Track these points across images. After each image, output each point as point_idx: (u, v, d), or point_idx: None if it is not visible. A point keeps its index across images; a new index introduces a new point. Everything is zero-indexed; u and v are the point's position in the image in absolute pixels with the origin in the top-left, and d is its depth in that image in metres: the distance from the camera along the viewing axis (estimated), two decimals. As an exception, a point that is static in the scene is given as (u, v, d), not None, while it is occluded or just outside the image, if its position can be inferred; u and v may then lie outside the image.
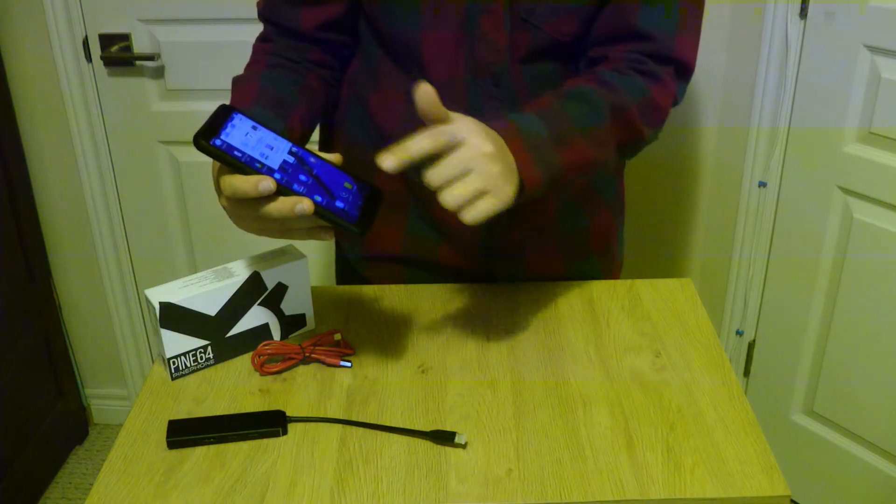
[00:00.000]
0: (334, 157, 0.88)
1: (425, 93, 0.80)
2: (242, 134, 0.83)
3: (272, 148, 0.84)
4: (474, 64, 1.01)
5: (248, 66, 1.05)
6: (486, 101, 1.03)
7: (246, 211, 0.83)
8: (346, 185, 0.87)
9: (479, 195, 0.81)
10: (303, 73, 1.02)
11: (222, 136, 0.81)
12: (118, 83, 1.93)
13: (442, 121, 0.82)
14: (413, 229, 1.14)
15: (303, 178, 0.84)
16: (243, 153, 0.81)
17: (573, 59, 1.05)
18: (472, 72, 1.02)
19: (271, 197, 0.81)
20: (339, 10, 1.03)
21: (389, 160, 0.79)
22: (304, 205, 0.80)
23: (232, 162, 0.80)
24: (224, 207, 0.86)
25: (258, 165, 0.81)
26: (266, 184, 0.79)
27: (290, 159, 0.85)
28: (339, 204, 0.84)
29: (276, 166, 0.82)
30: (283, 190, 0.81)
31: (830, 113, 1.69)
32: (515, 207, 1.09)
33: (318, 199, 0.83)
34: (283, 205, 0.80)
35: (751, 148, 1.86)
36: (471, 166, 0.80)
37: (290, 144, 0.86)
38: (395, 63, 1.05)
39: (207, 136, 0.80)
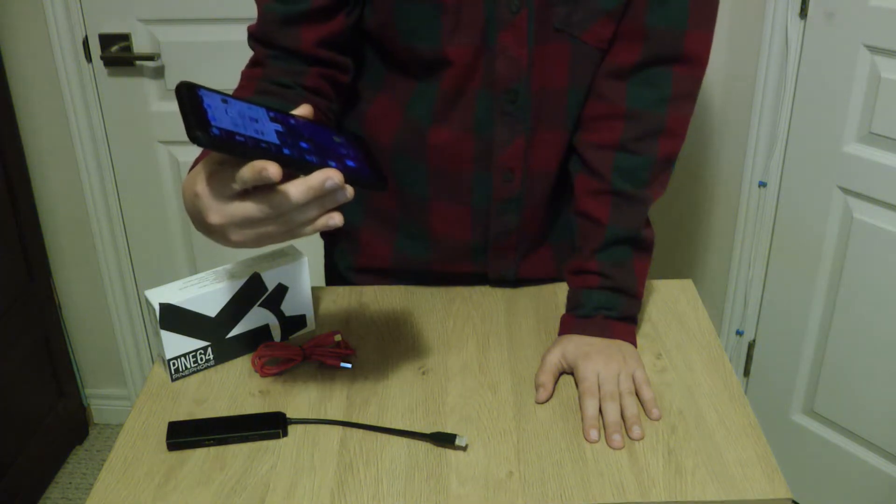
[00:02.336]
0: (306, 111, 0.79)
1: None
2: (223, 112, 0.70)
3: (257, 120, 0.72)
4: (492, 79, 0.98)
5: (235, 93, 0.96)
6: (498, 116, 1.00)
7: (260, 212, 0.71)
8: (336, 139, 0.77)
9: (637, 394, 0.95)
10: (295, 99, 0.95)
11: (213, 122, 0.68)
12: (118, 83, 1.93)
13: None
14: (403, 245, 1.13)
15: (304, 145, 0.72)
16: (244, 136, 0.68)
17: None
18: (488, 86, 0.99)
19: (291, 175, 0.70)
20: (340, 25, 0.98)
21: (596, 436, 0.89)
22: (335, 178, 0.69)
23: (237, 149, 0.67)
24: (215, 226, 0.73)
25: (264, 146, 0.68)
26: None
27: (280, 127, 0.73)
28: (349, 164, 0.74)
29: (276, 140, 0.70)
30: (297, 164, 0.70)
31: (830, 113, 1.69)
32: (517, 229, 1.09)
33: (333, 164, 0.72)
34: (310, 185, 0.69)
35: (751, 148, 1.86)
36: (616, 390, 0.94)
37: (264, 109, 0.74)
38: (407, 79, 1.02)
39: (204, 127, 0.66)
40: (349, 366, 0.99)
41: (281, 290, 1.00)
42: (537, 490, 0.82)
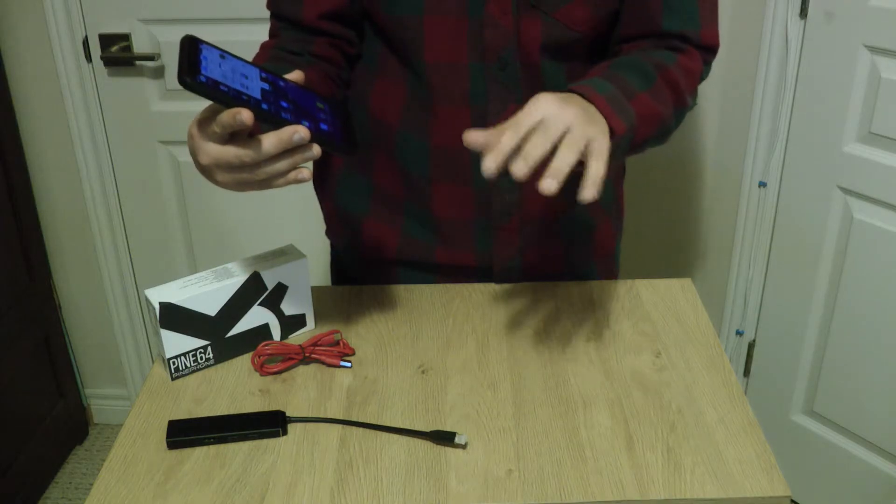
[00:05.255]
0: (298, 76, 0.87)
1: (475, 138, 0.79)
2: (217, 66, 0.79)
3: (247, 77, 0.81)
4: (481, 49, 1.01)
5: (253, 60, 1.05)
6: (490, 85, 1.03)
7: (237, 159, 0.79)
8: (319, 105, 0.86)
9: (581, 154, 0.78)
10: (303, 66, 1.02)
11: (203, 71, 0.77)
12: (118, 83, 1.93)
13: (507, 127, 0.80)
14: (409, 231, 1.14)
15: (284, 104, 0.81)
16: (228, 87, 0.78)
17: (594, 57, 1.06)
18: (478, 57, 1.01)
19: (266, 131, 0.79)
20: (341, 1, 1.04)
21: (489, 164, 0.76)
22: (301, 132, 0.78)
23: (219, 97, 0.77)
24: (203, 166, 0.82)
25: (245, 98, 0.78)
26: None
27: (266, 86, 0.82)
28: (323, 127, 0.83)
29: (259, 96, 0.79)
30: (273, 119, 0.79)
31: (830, 113, 1.69)
32: (518, 209, 1.09)
33: (306, 123, 0.80)
34: (280, 137, 0.78)
35: (751, 148, 1.86)
36: (557, 134, 0.78)
37: (258, 70, 0.83)
38: (395, 54, 1.05)
39: (192, 74, 0.75)
40: (349, 364, 0.99)
41: (281, 289, 1.00)
42: (536, 488, 0.82)
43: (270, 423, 0.89)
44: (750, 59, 1.80)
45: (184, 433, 0.88)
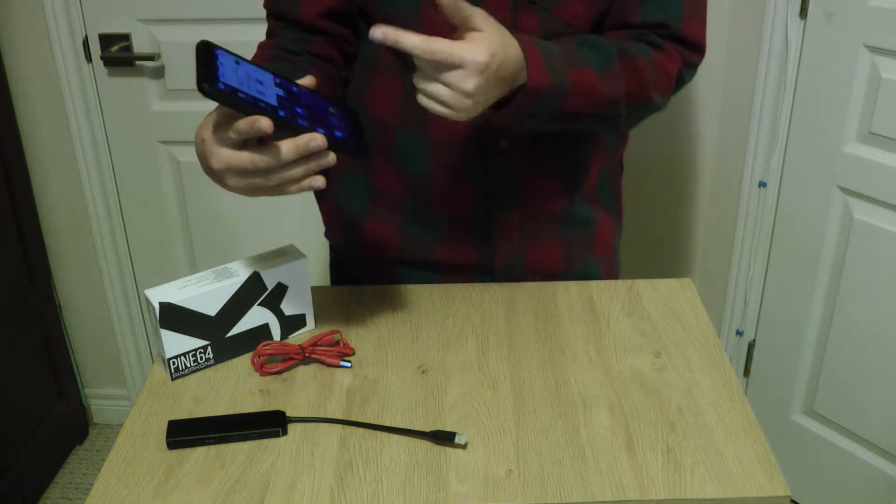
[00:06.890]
0: (310, 81, 0.88)
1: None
2: (233, 72, 0.80)
3: (262, 83, 0.82)
4: None
5: (252, 60, 1.05)
6: None
7: (252, 164, 0.79)
8: (331, 110, 0.87)
9: (444, 105, 0.85)
10: (303, 65, 1.02)
11: (221, 78, 0.77)
12: (118, 83, 1.93)
13: (459, 25, 0.84)
14: (409, 230, 1.14)
15: (300, 110, 0.82)
16: (246, 94, 0.78)
17: None
18: None
19: (283, 138, 0.79)
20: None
21: (379, 31, 0.80)
22: (318, 140, 0.79)
23: (237, 104, 0.77)
24: (215, 170, 0.82)
25: (262, 105, 0.78)
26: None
27: (281, 92, 0.83)
28: (337, 133, 0.83)
29: (275, 102, 0.80)
30: (289, 126, 0.79)
31: (830, 113, 1.69)
32: (518, 204, 1.09)
33: (321, 130, 0.81)
34: (297, 144, 0.79)
35: (751, 148, 1.86)
36: (452, 96, 0.84)
37: (271, 75, 0.84)
38: (391, 51, 1.05)
39: (211, 81, 0.76)
40: (349, 364, 0.99)
41: (281, 289, 1.00)
42: (536, 488, 0.82)
43: (270, 423, 0.89)
44: (750, 59, 1.80)
45: (184, 433, 0.88)
